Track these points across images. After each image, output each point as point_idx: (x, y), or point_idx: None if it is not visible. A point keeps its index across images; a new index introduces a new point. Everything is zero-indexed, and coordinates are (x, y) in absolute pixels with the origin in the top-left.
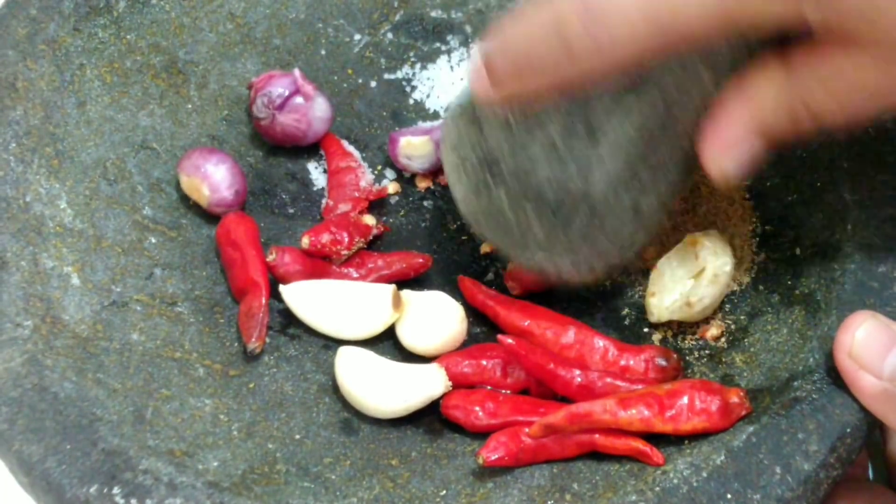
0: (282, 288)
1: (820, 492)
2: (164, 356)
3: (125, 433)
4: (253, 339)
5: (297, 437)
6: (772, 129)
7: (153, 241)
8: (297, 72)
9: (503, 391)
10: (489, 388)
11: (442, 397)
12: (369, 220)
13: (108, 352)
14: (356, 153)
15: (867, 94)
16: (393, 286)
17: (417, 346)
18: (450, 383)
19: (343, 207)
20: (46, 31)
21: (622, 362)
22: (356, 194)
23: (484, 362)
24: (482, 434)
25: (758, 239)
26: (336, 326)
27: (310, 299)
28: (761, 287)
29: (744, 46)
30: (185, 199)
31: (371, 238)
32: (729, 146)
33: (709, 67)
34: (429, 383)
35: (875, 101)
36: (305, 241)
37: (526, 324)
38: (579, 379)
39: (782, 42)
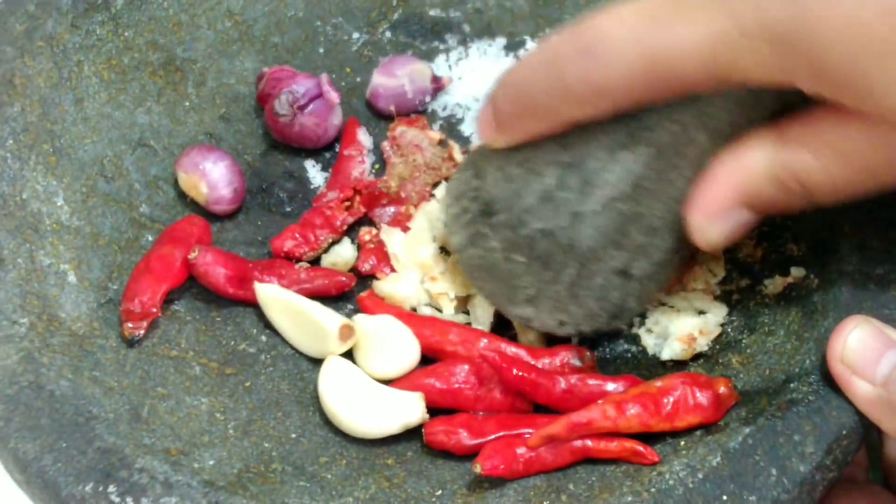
0: (256, 284)
1: (816, 494)
2: (161, 354)
3: (121, 431)
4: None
5: (294, 435)
6: (760, 200)
7: (150, 238)
8: (324, 77)
9: (480, 413)
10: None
11: (423, 425)
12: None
13: (105, 349)
14: (367, 143)
15: (860, 169)
16: (343, 320)
17: (377, 373)
18: (427, 416)
19: (331, 195)
20: (44, 28)
21: (539, 366)
22: (348, 183)
23: (455, 380)
24: (470, 456)
25: (754, 240)
26: (296, 341)
27: (277, 307)
28: (758, 289)
29: (743, 116)
30: (182, 197)
31: (345, 229)
32: (714, 215)
33: (705, 130)
34: (407, 412)
35: (870, 177)
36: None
37: (436, 340)
38: (563, 384)
39: (782, 111)
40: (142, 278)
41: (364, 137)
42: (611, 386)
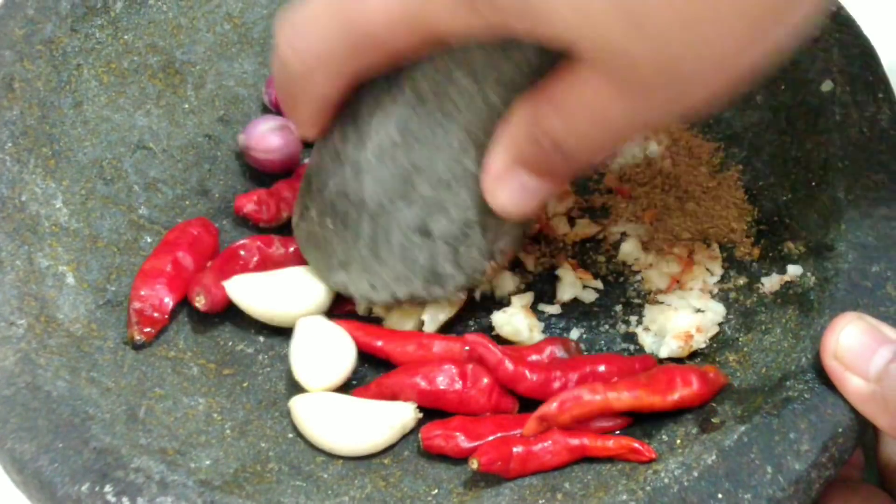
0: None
1: (812, 492)
2: (158, 355)
3: (117, 432)
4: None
5: (290, 435)
6: (531, 161)
7: (149, 240)
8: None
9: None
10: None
11: (418, 431)
12: None
13: (102, 351)
14: None
15: (601, 124)
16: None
17: (312, 383)
18: (421, 414)
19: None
20: (43, 32)
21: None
22: None
23: (440, 380)
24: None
25: (752, 238)
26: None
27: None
28: (755, 286)
29: (523, 64)
30: (180, 199)
31: None
32: (498, 178)
33: (469, 75)
34: (400, 419)
35: (614, 132)
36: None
37: (379, 343)
38: (557, 384)
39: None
40: (154, 281)
41: None
42: (601, 367)
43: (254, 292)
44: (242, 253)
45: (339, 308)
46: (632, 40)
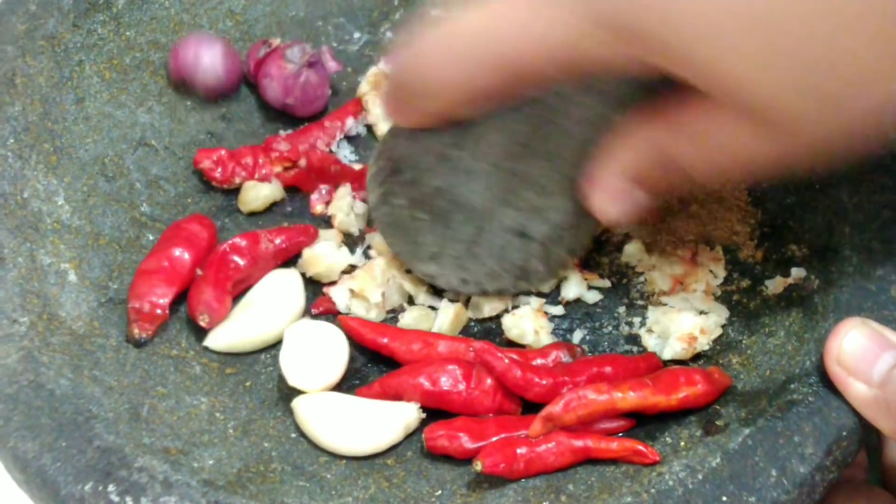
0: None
1: (816, 494)
2: (161, 354)
3: (121, 431)
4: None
5: (293, 435)
6: (649, 181)
7: (150, 237)
8: (325, 48)
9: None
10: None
11: (422, 431)
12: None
13: (105, 349)
14: (353, 129)
15: (735, 158)
16: None
17: (305, 385)
18: (424, 414)
19: (283, 146)
20: (46, 28)
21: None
22: (303, 147)
23: (444, 381)
24: (471, 458)
25: (755, 241)
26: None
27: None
28: (759, 289)
29: (632, 81)
30: (182, 196)
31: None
32: (609, 191)
33: (589, 92)
34: (403, 417)
35: (748, 167)
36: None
37: (385, 341)
38: (566, 389)
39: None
40: (151, 278)
41: (352, 123)
42: (607, 368)
43: (233, 334)
44: (236, 258)
45: (315, 306)
46: (804, 107)
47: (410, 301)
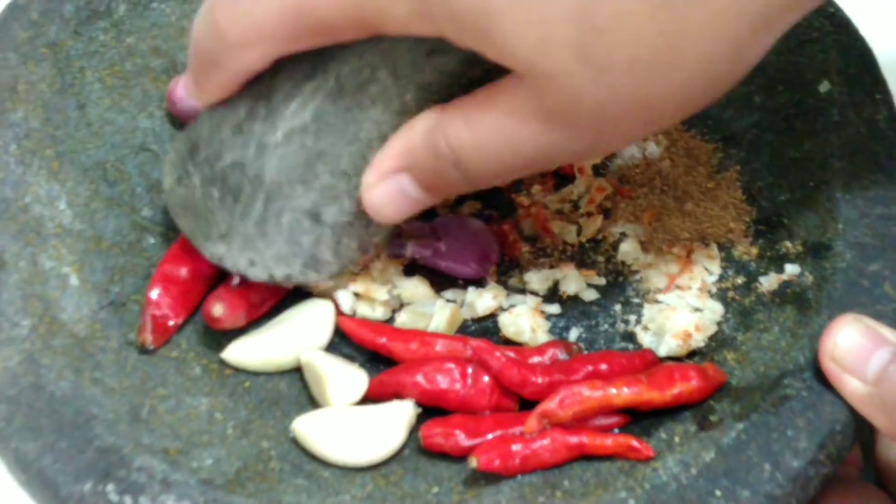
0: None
1: (809, 489)
2: (161, 355)
3: (120, 431)
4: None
5: (292, 435)
6: (417, 166)
7: (152, 241)
8: None
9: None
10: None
11: (418, 429)
12: None
13: (106, 351)
14: None
15: (513, 142)
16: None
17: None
18: (419, 408)
19: None
20: (47, 35)
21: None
22: None
23: (441, 379)
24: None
25: (750, 238)
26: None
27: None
28: (753, 286)
29: (445, 71)
30: None
31: None
32: (379, 175)
33: (391, 73)
34: (406, 417)
35: (514, 153)
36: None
37: (383, 340)
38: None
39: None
40: (174, 290)
41: None
42: (603, 366)
43: (253, 351)
44: None
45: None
46: (584, 77)
47: (406, 302)
